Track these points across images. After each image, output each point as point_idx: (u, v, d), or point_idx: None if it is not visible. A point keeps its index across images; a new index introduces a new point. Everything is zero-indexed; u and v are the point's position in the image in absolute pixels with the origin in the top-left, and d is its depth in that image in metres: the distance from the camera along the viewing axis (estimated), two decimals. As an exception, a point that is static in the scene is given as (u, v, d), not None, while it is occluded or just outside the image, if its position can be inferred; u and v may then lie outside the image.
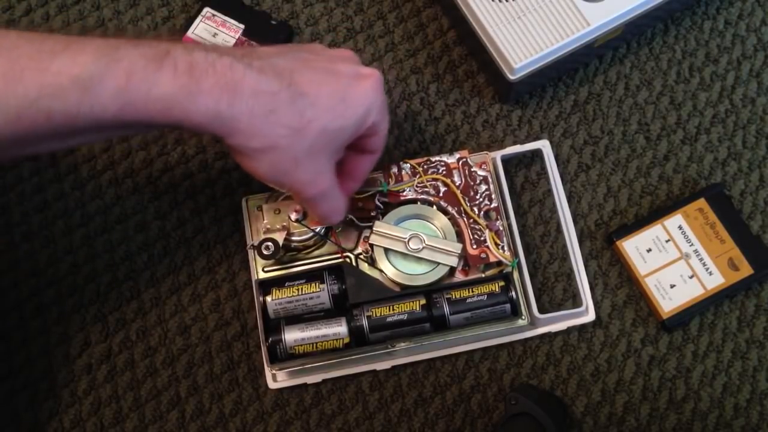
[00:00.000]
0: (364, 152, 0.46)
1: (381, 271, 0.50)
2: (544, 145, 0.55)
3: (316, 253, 0.52)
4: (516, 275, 0.51)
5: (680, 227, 0.53)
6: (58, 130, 0.37)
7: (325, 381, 0.52)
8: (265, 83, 0.39)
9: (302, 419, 0.52)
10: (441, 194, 0.52)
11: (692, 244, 0.53)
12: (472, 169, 0.53)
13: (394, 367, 0.52)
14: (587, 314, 0.52)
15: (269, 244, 0.50)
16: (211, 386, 0.52)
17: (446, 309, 0.49)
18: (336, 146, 0.43)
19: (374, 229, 0.51)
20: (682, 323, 0.52)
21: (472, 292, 0.49)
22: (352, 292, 0.50)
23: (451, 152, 0.53)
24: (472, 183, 0.52)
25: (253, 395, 0.52)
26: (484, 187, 0.52)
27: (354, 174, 0.48)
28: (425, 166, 0.53)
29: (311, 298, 0.49)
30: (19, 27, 0.61)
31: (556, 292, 0.54)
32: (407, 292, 0.50)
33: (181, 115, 0.37)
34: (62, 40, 0.36)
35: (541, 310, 0.52)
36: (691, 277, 0.52)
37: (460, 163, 0.53)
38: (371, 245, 0.51)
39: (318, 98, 0.40)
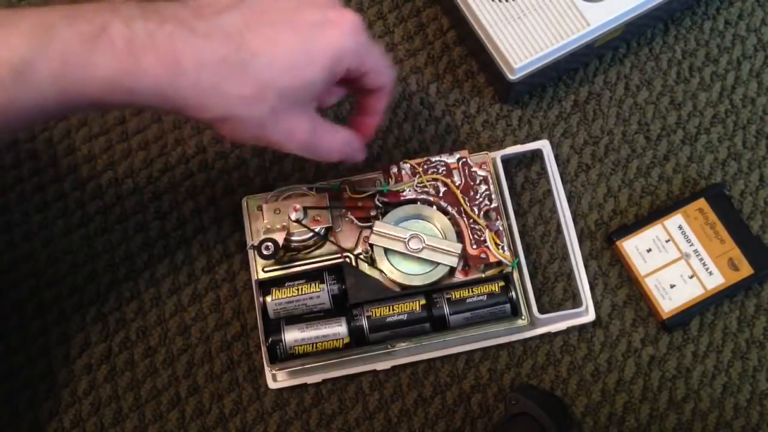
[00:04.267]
0: (370, 91, 0.44)
1: (381, 271, 0.50)
2: (544, 145, 0.55)
3: (316, 253, 0.52)
4: (516, 275, 0.51)
5: (680, 227, 0.53)
6: None
7: (325, 381, 0.52)
8: (210, 51, 0.36)
9: (302, 419, 0.52)
10: (441, 194, 0.52)
11: (692, 244, 0.53)
12: (472, 169, 0.53)
13: (394, 367, 0.52)
14: (587, 314, 0.52)
15: (269, 244, 0.50)
16: (211, 386, 0.52)
17: (446, 309, 0.49)
18: (308, 98, 0.40)
19: (374, 229, 0.51)
20: (682, 323, 0.52)
21: (472, 292, 0.49)
22: (352, 292, 0.50)
23: (451, 152, 0.53)
24: (472, 183, 0.52)
25: (253, 395, 0.52)
26: (484, 187, 0.52)
27: (370, 110, 0.45)
28: (425, 166, 0.53)
29: (311, 298, 0.49)
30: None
31: (556, 292, 0.54)
32: (407, 292, 0.50)
33: (125, 95, 0.36)
34: None
35: (541, 310, 0.52)
36: (691, 277, 0.52)
37: (460, 163, 0.53)
38: (371, 245, 0.51)
39: (275, 58, 0.37)
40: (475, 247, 0.51)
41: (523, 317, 0.51)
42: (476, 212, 0.52)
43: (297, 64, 0.38)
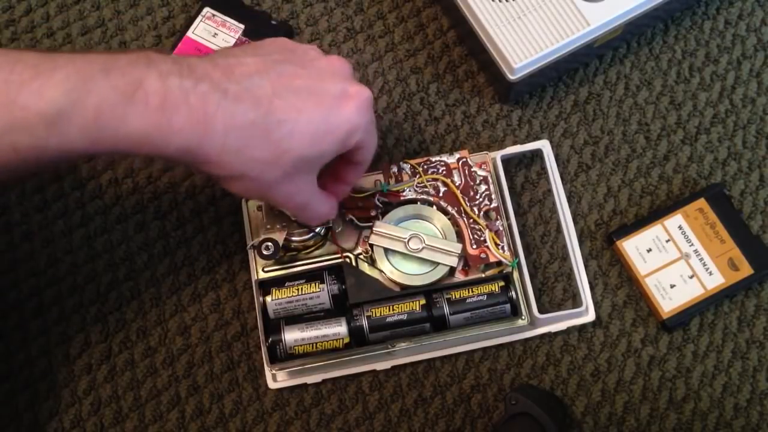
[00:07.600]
0: (352, 163, 0.45)
1: (381, 271, 0.50)
2: (544, 145, 0.55)
3: (316, 253, 0.52)
4: (516, 275, 0.51)
5: (680, 227, 0.53)
6: (26, 162, 0.36)
7: (325, 381, 0.52)
8: (241, 114, 0.37)
9: (302, 419, 0.52)
10: (441, 194, 0.52)
11: (692, 244, 0.53)
12: (472, 169, 0.53)
13: (394, 367, 0.52)
14: (587, 314, 0.52)
15: (269, 244, 0.50)
16: (211, 386, 0.52)
17: (446, 309, 0.49)
18: (316, 167, 0.42)
19: (374, 229, 0.51)
20: (682, 323, 0.52)
21: (472, 292, 0.49)
22: (352, 292, 0.50)
23: (451, 152, 0.53)
24: (472, 183, 0.52)
25: (253, 395, 0.52)
26: (484, 187, 0.52)
27: (343, 179, 0.47)
28: (425, 166, 0.53)
29: (311, 298, 0.49)
30: (19, 27, 0.61)
31: (556, 292, 0.54)
32: (407, 292, 0.50)
33: (152, 150, 0.37)
34: (31, 66, 0.35)
35: (541, 310, 0.52)
36: (691, 277, 0.52)
37: (460, 163, 0.53)
38: (371, 245, 0.51)
39: (297, 125, 0.39)
40: (475, 247, 0.51)
41: (523, 317, 0.51)
42: (476, 212, 0.52)
43: (317, 134, 0.39)
